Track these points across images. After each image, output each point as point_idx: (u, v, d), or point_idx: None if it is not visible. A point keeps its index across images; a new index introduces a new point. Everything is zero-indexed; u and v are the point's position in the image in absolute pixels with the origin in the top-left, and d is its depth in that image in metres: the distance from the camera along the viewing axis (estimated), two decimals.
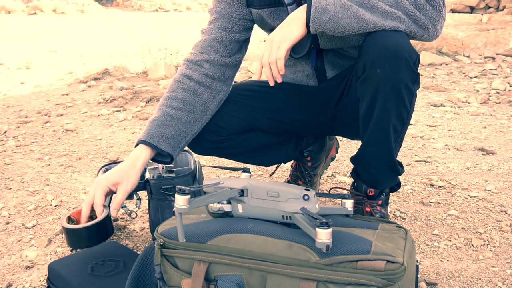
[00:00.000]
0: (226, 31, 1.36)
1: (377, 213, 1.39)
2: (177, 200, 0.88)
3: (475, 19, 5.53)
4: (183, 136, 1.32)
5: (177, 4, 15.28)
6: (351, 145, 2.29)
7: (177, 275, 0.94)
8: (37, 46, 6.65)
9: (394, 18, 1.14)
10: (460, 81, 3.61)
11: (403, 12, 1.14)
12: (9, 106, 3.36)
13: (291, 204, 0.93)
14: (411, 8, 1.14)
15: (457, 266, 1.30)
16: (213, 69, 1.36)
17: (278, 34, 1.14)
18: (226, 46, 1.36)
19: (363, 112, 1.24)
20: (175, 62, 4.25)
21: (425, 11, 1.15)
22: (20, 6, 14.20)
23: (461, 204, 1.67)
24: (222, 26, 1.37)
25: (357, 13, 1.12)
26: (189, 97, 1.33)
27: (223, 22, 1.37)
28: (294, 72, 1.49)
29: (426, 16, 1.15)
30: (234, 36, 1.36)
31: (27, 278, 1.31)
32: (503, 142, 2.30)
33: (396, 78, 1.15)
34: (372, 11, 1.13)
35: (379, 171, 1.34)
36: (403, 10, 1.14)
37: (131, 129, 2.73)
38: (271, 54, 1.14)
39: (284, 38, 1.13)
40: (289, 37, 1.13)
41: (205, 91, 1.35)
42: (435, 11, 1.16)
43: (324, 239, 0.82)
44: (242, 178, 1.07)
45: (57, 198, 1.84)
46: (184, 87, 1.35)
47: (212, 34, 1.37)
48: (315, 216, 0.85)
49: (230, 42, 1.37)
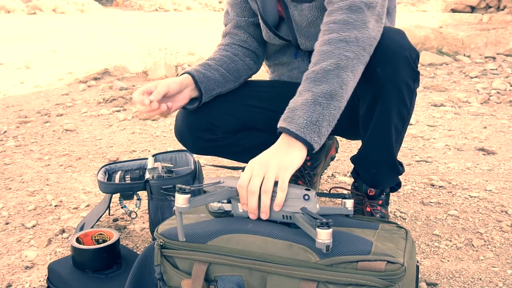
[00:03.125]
0: (239, 16, 1.43)
1: (378, 213, 1.39)
2: (177, 199, 0.88)
3: (476, 18, 5.53)
4: (217, 85, 1.34)
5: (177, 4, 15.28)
6: (351, 145, 2.29)
7: (177, 275, 0.93)
8: (37, 46, 6.65)
9: (353, 62, 1.02)
10: (460, 81, 3.61)
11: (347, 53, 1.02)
12: (9, 106, 3.35)
13: (291, 204, 0.93)
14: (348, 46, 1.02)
15: (457, 266, 1.29)
16: (241, 48, 1.42)
17: (274, 158, 0.93)
18: (245, 29, 1.43)
19: (364, 111, 1.24)
20: (175, 62, 4.25)
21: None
22: (20, 5, 14.20)
23: (461, 204, 1.66)
24: (235, 12, 1.43)
25: (327, 93, 0.98)
26: (226, 60, 1.38)
27: (234, 9, 1.44)
28: (290, 70, 1.49)
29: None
30: (248, 20, 1.42)
31: (27, 278, 1.31)
32: (503, 142, 2.30)
33: (397, 77, 1.15)
34: (327, 78, 0.99)
35: (380, 171, 1.34)
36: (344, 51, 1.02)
37: (131, 129, 2.73)
38: (266, 179, 0.90)
39: (285, 165, 0.92)
40: (289, 165, 0.93)
41: (239, 61, 1.41)
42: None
43: (325, 239, 0.81)
44: None
45: (57, 198, 1.83)
46: (221, 53, 1.40)
47: (230, 22, 1.45)
48: (316, 216, 0.85)
49: (248, 25, 1.42)
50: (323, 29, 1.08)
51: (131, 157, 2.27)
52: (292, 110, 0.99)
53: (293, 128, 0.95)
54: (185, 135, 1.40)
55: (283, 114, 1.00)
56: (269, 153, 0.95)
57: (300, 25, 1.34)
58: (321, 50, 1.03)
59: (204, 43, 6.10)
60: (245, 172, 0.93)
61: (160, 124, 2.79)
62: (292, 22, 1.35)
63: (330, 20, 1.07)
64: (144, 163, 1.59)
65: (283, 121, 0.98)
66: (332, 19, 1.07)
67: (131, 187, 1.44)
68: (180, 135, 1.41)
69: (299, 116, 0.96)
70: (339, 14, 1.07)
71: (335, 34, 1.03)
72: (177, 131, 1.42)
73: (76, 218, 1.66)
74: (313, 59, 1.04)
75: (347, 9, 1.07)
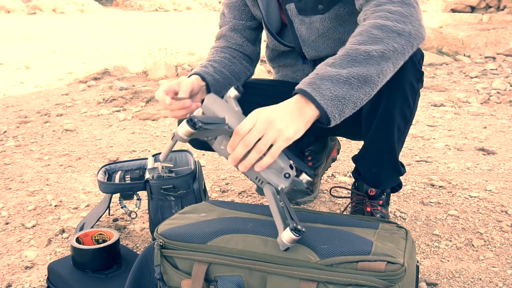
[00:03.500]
0: (236, 19, 1.41)
1: (378, 213, 1.39)
2: (182, 128, 0.84)
3: (476, 18, 5.53)
4: (222, 87, 1.30)
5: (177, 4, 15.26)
6: (351, 145, 2.29)
7: (177, 275, 0.93)
8: (37, 46, 6.65)
9: (390, 53, 0.98)
10: (460, 81, 3.61)
11: (393, 36, 0.99)
12: (9, 106, 3.35)
13: (269, 172, 0.91)
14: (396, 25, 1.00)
15: (457, 266, 1.29)
16: (236, 52, 1.41)
17: (281, 121, 0.89)
18: (241, 33, 1.41)
19: (367, 110, 1.24)
20: (175, 62, 4.25)
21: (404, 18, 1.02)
22: (20, 5, 14.19)
23: (461, 204, 1.66)
24: (233, 15, 1.41)
25: (362, 76, 0.94)
26: (227, 62, 1.37)
27: (232, 12, 1.42)
28: (295, 72, 1.49)
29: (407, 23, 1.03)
30: (245, 23, 1.40)
31: (27, 278, 1.31)
32: (503, 142, 2.30)
33: (401, 77, 1.14)
34: (368, 62, 0.96)
35: (381, 170, 1.34)
36: (391, 33, 0.99)
37: (131, 129, 2.73)
38: (264, 139, 0.87)
39: (287, 134, 0.89)
40: (291, 135, 0.89)
41: (238, 63, 1.39)
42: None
43: (289, 243, 0.83)
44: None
45: (57, 198, 1.83)
46: (221, 55, 1.38)
47: (226, 24, 1.43)
48: (293, 216, 0.85)
49: (244, 29, 1.41)
50: (376, 14, 1.02)
51: (131, 157, 2.27)
52: (320, 78, 0.92)
53: (318, 97, 0.90)
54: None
55: (307, 77, 0.94)
56: (279, 111, 0.90)
57: (308, 38, 1.32)
58: (372, 32, 0.98)
59: (204, 43, 6.09)
60: (248, 120, 0.88)
61: (160, 124, 2.79)
62: (298, 36, 1.34)
63: (385, 8, 1.02)
64: (144, 163, 1.59)
65: (308, 86, 0.92)
66: (387, 8, 1.02)
67: (131, 187, 1.44)
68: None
69: (327, 87, 0.91)
70: (392, 5, 1.03)
71: (390, 22, 0.99)
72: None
73: (76, 218, 1.66)
74: (358, 36, 0.98)
75: (400, 2, 1.03)
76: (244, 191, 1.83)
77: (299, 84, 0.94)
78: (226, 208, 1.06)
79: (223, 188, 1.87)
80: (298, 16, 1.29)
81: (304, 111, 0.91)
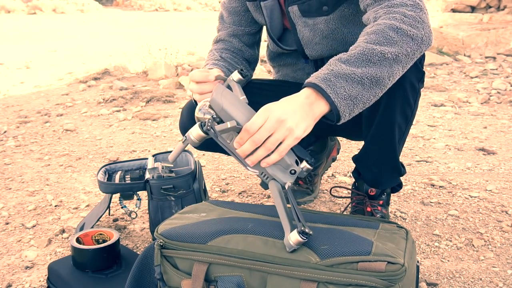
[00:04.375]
0: (236, 25, 1.41)
1: (378, 213, 1.39)
2: (194, 131, 0.85)
3: (476, 18, 5.53)
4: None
5: (177, 4, 15.26)
6: (351, 145, 2.29)
7: (177, 275, 0.93)
8: (37, 46, 6.65)
9: (402, 56, 0.99)
10: (460, 81, 3.61)
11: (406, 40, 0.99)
12: (9, 106, 3.35)
13: (275, 168, 0.91)
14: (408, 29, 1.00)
15: (457, 266, 1.29)
16: (235, 55, 1.41)
17: (292, 120, 0.88)
18: (240, 38, 1.41)
19: (367, 110, 1.23)
20: (175, 62, 4.25)
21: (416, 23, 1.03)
22: (20, 5, 14.19)
23: (461, 204, 1.66)
24: (232, 20, 1.41)
25: (375, 77, 0.95)
26: (230, 62, 1.37)
27: (232, 17, 1.41)
28: (295, 71, 1.49)
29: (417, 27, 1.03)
30: (245, 29, 1.41)
31: (27, 278, 1.31)
32: (504, 142, 2.30)
33: (402, 76, 1.14)
34: (381, 64, 0.96)
35: (382, 170, 1.34)
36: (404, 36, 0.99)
37: (131, 129, 2.72)
38: (273, 137, 0.88)
39: (296, 133, 0.89)
40: (300, 135, 0.89)
41: (239, 64, 1.40)
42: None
43: (296, 245, 0.83)
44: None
45: (57, 198, 1.83)
46: (223, 55, 1.38)
47: (225, 29, 1.43)
48: (300, 218, 0.85)
49: (243, 34, 1.41)
50: (391, 15, 1.02)
51: (131, 157, 2.27)
52: (335, 75, 0.92)
53: (332, 94, 0.90)
54: (189, 129, 1.40)
55: (320, 71, 0.94)
56: (290, 108, 0.89)
57: (311, 40, 1.32)
58: (388, 34, 0.98)
59: (204, 43, 6.09)
60: (258, 117, 0.88)
61: (160, 124, 2.79)
62: (300, 39, 1.34)
63: (400, 11, 1.02)
64: (144, 163, 1.59)
65: (322, 81, 0.91)
66: (402, 11, 1.02)
67: (131, 187, 1.44)
68: (184, 128, 1.40)
69: (341, 85, 0.91)
70: (406, 9, 1.03)
71: (405, 26, 0.99)
72: (181, 124, 1.42)
73: (76, 218, 1.66)
74: (374, 35, 0.98)
75: (412, 6, 1.03)
76: (244, 191, 1.83)
77: (310, 78, 0.94)
78: (226, 208, 1.06)
79: (223, 188, 1.87)
80: (301, 18, 1.29)
81: (314, 106, 0.91)
